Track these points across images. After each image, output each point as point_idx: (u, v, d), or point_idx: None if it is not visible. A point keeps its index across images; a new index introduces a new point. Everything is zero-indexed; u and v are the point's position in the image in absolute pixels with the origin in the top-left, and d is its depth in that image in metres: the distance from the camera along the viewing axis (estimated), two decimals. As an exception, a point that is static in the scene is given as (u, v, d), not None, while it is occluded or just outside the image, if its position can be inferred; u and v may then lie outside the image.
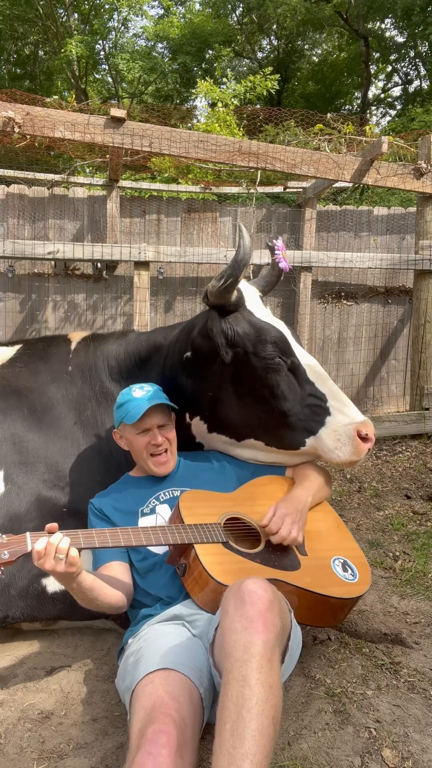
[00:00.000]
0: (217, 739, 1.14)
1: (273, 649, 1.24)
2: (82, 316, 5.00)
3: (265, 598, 1.28)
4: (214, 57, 14.26)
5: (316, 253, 4.62)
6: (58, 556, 1.37)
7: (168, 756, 1.14)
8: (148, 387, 1.91)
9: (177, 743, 1.17)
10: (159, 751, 1.14)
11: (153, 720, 1.21)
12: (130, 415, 1.83)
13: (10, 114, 3.37)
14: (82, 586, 1.48)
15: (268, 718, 1.14)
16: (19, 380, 2.25)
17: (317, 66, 16.83)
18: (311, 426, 1.93)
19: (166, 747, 1.15)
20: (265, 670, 1.19)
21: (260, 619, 1.25)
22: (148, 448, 1.85)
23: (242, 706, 1.15)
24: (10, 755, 1.45)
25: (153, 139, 3.66)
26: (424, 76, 15.39)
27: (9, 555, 1.36)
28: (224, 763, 1.09)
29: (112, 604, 1.60)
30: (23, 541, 1.40)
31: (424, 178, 4.29)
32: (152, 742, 1.16)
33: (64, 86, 14.77)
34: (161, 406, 1.86)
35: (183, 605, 1.62)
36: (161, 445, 1.86)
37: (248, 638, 1.23)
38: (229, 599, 1.32)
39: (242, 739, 1.11)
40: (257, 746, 1.10)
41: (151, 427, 1.84)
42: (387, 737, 1.47)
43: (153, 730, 1.18)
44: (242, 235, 1.85)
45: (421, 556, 2.59)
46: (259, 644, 1.22)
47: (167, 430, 1.89)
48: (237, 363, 1.94)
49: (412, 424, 4.46)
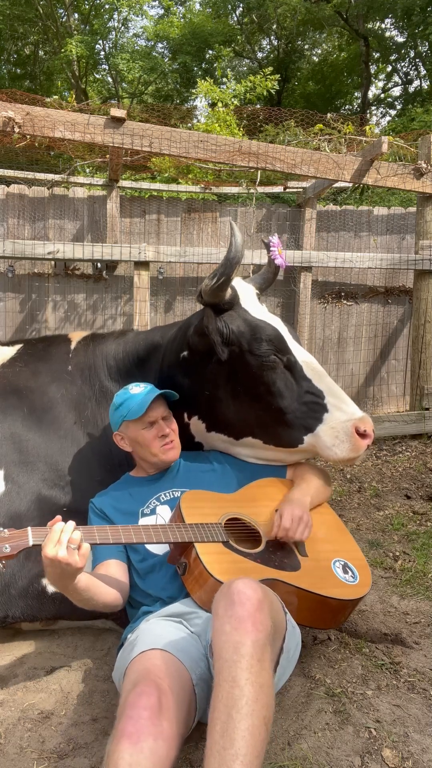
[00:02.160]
0: (209, 740, 1.14)
1: (263, 649, 1.23)
2: (82, 316, 5.00)
3: (254, 598, 1.27)
4: (214, 57, 14.25)
5: (316, 253, 4.62)
6: (71, 546, 1.36)
7: (149, 718, 1.14)
8: (143, 384, 1.94)
9: (158, 706, 1.17)
10: (140, 714, 1.15)
11: (136, 684, 1.22)
12: (133, 410, 1.83)
13: (10, 114, 3.37)
14: (77, 586, 1.47)
15: (258, 718, 1.14)
16: (20, 380, 2.25)
17: (317, 66, 16.83)
18: (309, 423, 1.93)
19: (147, 709, 1.15)
20: (255, 670, 1.19)
21: (249, 620, 1.24)
22: (157, 440, 1.86)
23: (232, 706, 1.14)
24: (10, 755, 1.44)
25: (153, 139, 3.66)
26: (424, 76, 15.40)
27: (10, 549, 1.36)
28: (215, 764, 1.09)
29: (107, 603, 1.60)
30: (25, 535, 1.40)
31: (424, 178, 4.29)
32: (133, 705, 1.17)
33: (64, 86, 14.76)
34: (161, 398, 1.90)
35: (182, 603, 1.62)
36: (169, 435, 1.88)
37: (237, 639, 1.22)
38: (219, 601, 1.31)
39: (232, 739, 1.10)
40: (248, 746, 1.10)
41: (156, 419, 1.86)
42: (387, 737, 1.47)
43: (135, 693, 1.19)
44: (234, 233, 1.85)
45: (421, 556, 2.59)
46: (249, 644, 1.21)
47: (170, 421, 1.92)
48: (233, 361, 1.94)
49: (412, 424, 4.46)
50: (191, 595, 1.60)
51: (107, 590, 1.61)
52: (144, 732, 1.12)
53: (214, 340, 1.89)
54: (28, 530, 1.41)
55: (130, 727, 1.13)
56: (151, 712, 1.15)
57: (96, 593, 1.55)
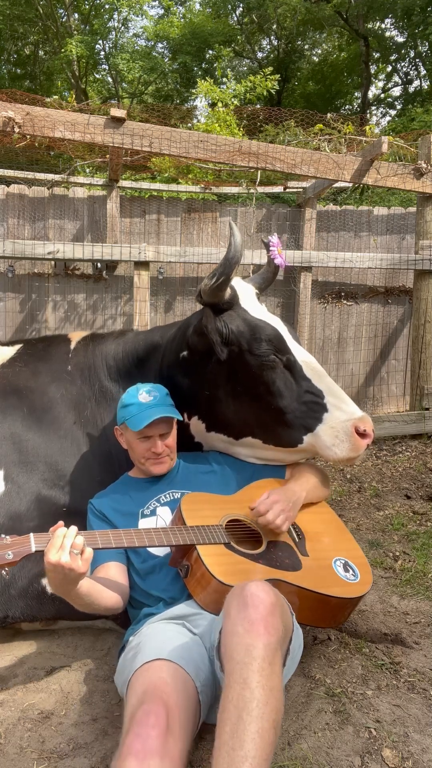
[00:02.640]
0: (217, 740, 1.14)
1: (274, 653, 1.23)
2: (82, 316, 5.00)
3: (267, 602, 1.28)
4: (214, 57, 14.26)
5: (316, 253, 4.62)
6: (74, 551, 1.37)
7: (157, 737, 1.14)
8: (155, 392, 1.89)
9: (166, 725, 1.17)
10: (148, 733, 1.15)
11: (143, 701, 1.22)
12: (133, 421, 1.82)
13: (10, 114, 3.37)
14: (79, 591, 1.47)
15: (268, 722, 1.14)
16: (19, 380, 2.25)
17: (317, 66, 16.83)
18: (308, 423, 1.93)
19: (155, 728, 1.15)
20: (266, 673, 1.19)
21: (262, 623, 1.24)
22: (146, 454, 1.86)
23: (242, 708, 1.14)
24: (10, 755, 1.44)
25: (153, 139, 3.66)
26: (424, 76, 15.40)
27: (13, 555, 1.36)
28: (224, 764, 1.09)
29: (108, 606, 1.60)
30: (27, 541, 1.40)
31: (424, 178, 4.29)
32: (141, 723, 1.16)
33: (64, 86, 14.77)
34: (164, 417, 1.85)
35: (185, 605, 1.62)
36: (161, 454, 1.86)
37: (250, 641, 1.22)
38: (231, 602, 1.32)
39: (242, 741, 1.10)
40: (257, 749, 1.10)
41: (153, 435, 1.84)
42: (387, 737, 1.47)
43: (142, 711, 1.19)
44: (233, 233, 1.85)
45: (421, 556, 2.59)
46: (261, 647, 1.22)
47: (168, 438, 1.89)
48: (232, 361, 1.94)
49: (412, 424, 4.46)
50: (194, 597, 1.60)
51: (109, 594, 1.60)
52: (151, 751, 1.13)
53: (213, 340, 1.89)
54: (30, 536, 1.41)
55: (137, 745, 1.13)
56: (159, 730, 1.15)
57: (97, 597, 1.55)
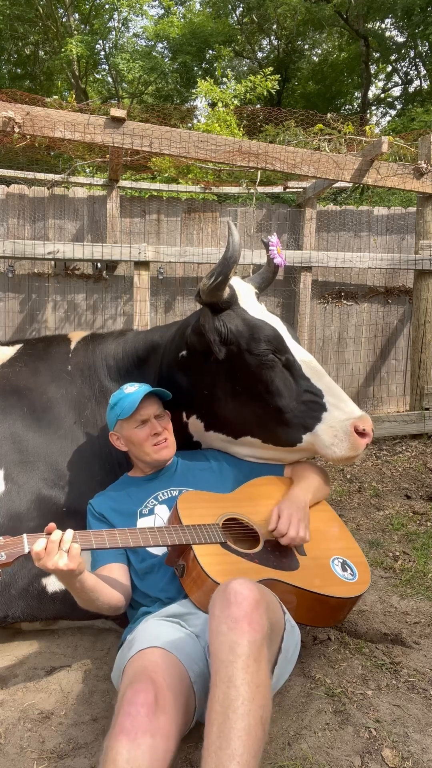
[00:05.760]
0: (206, 741, 1.14)
1: (260, 649, 1.23)
2: (82, 316, 5.00)
3: (250, 598, 1.27)
4: (214, 57, 14.26)
5: (316, 253, 4.62)
6: (62, 549, 1.39)
7: (146, 715, 1.14)
8: (138, 384, 1.94)
9: (155, 702, 1.17)
10: (137, 710, 1.15)
11: (133, 681, 1.22)
12: (125, 409, 1.84)
13: (10, 114, 3.37)
14: (84, 585, 1.48)
15: (255, 718, 1.14)
16: (19, 379, 2.25)
17: (317, 66, 16.83)
18: (307, 422, 1.93)
19: (144, 706, 1.16)
20: (251, 670, 1.19)
21: (245, 619, 1.24)
22: (149, 439, 1.86)
23: (228, 706, 1.14)
24: (10, 755, 1.44)
25: (153, 139, 3.66)
26: (424, 76, 15.40)
27: (6, 557, 1.36)
28: (211, 764, 1.09)
29: (111, 605, 1.61)
30: (20, 542, 1.40)
31: (424, 178, 4.29)
32: (130, 702, 1.17)
33: (64, 86, 14.77)
34: (154, 397, 1.90)
35: (179, 604, 1.62)
36: (161, 434, 1.88)
37: (234, 639, 1.22)
38: (215, 601, 1.32)
39: (228, 739, 1.10)
40: (244, 746, 1.10)
41: (148, 417, 1.86)
42: (387, 737, 1.47)
43: (132, 690, 1.19)
44: (231, 232, 1.85)
45: (421, 556, 2.59)
46: (245, 645, 1.21)
47: (164, 420, 1.92)
48: (231, 360, 1.94)
49: (412, 424, 4.46)
50: (189, 597, 1.60)
51: (112, 592, 1.62)
52: (142, 728, 1.13)
53: (211, 339, 1.89)
54: (23, 537, 1.41)
55: (127, 724, 1.13)
56: (149, 708, 1.16)
57: (102, 594, 1.56)
